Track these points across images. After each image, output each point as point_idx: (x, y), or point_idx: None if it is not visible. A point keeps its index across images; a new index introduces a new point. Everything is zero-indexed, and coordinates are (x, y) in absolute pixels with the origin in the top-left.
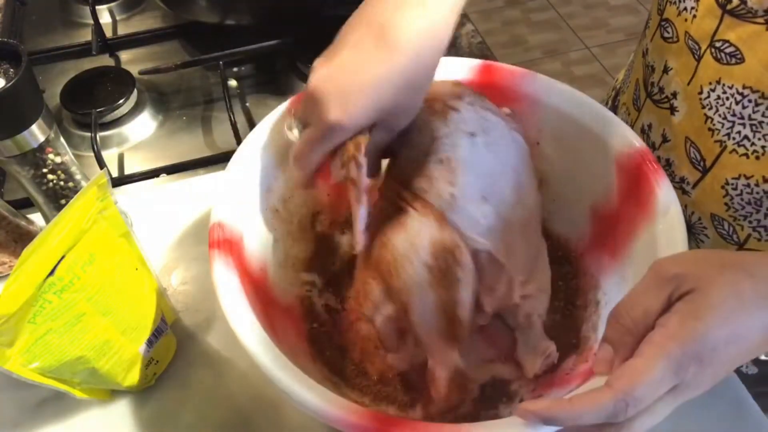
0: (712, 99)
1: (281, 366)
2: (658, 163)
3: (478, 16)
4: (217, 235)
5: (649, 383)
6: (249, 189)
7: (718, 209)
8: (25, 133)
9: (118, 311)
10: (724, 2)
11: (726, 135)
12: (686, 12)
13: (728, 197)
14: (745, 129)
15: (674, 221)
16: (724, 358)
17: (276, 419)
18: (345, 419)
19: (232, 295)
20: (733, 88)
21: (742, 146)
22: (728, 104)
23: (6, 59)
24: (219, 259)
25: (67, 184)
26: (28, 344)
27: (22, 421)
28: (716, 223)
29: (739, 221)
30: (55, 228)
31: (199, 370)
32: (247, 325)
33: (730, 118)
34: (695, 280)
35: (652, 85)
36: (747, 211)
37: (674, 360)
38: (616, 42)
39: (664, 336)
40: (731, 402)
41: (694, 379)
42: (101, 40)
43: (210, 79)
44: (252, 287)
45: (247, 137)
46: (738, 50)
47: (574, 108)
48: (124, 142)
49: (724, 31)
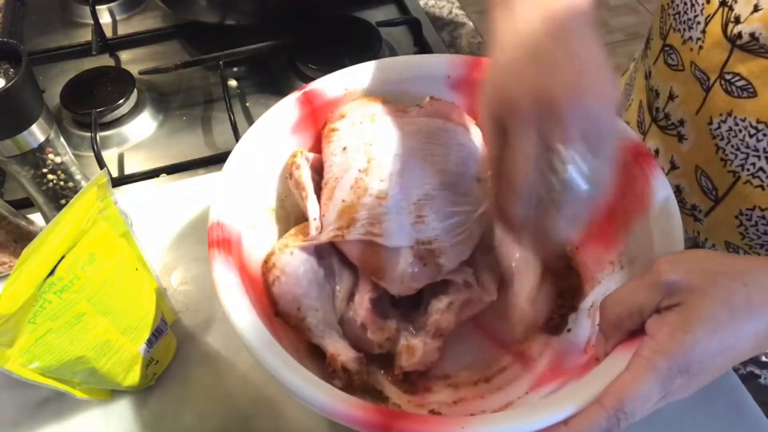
0: (723, 130)
1: (284, 363)
2: (652, 156)
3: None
4: (216, 235)
5: (637, 398)
6: (246, 188)
7: (732, 238)
8: (25, 133)
9: (118, 311)
10: (734, 37)
11: (740, 166)
12: (692, 42)
13: (742, 227)
14: (760, 161)
15: (669, 213)
16: (711, 368)
17: (276, 419)
18: (349, 414)
19: (232, 294)
20: (746, 121)
21: (757, 178)
22: (741, 136)
23: (6, 59)
24: (219, 258)
25: (67, 184)
26: (28, 344)
27: (22, 421)
28: (731, 251)
29: (755, 249)
30: (55, 228)
31: (199, 370)
32: (249, 323)
33: (744, 150)
34: (688, 291)
35: (657, 110)
36: (764, 240)
37: (661, 373)
38: (616, 42)
39: (652, 349)
40: (731, 402)
41: (679, 388)
42: (101, 40)
43: (210, 79)
44: (252, 286)
45: (243, 136)
46: (750, 84)
47: None
48: (124, 142)
49: (734, 63)
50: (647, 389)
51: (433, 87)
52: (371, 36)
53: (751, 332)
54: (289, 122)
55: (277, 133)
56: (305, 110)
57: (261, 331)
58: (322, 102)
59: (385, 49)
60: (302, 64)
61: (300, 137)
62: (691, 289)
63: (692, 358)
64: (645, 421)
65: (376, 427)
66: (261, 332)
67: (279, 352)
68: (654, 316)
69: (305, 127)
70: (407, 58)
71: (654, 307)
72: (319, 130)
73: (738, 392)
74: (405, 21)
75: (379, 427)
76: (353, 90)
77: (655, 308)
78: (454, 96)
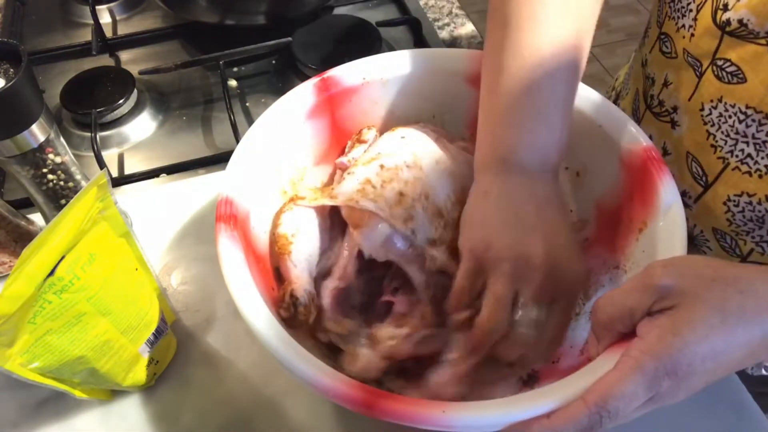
0: (714, 116)
1: (276, 334)
2: (663, 161)
3: (478, 16)
4: (224, 210)
5: (621, 397)
6: (259, 168)
7: (720, 224)
8: (25, 133)
9: (118, 311)
10: (723, 24)
11: (729, 152)
12: (684, 29)
13: (730, 213)
14: (748, 147)
15: (675, 221)
16: (701, 373)
17: (276, 419)
18: (335, 389)
19: (235, 266)
20: (736, 107)
21: (745, 164)
22: (731, 122)
23: (6, 59)
24: (224, 233)
25: (67, 184)
26: (28, 344)
27: (22, 421)
28: (719, 237)
29: (741, 236)
30: (55, 228)
31: (199, 370)
32: (248, 294)
33: (734, 136)
34: (681, 294)
35: (652, 97)
36: (749, 227)
37: (648, 374)
38: (616, 42)
39: (641, 350)
40: (731, 402)
41: (668, 392)
42: (101, 40)
43: (210, 79)
44: (256, 263)
45: (259, 118)
46: (740, 70)
47: (585, 104)
48: (124, 142)
49: (724, 50)
50: (633, 389)
51: (452, 81)
52: (371, 36)
53: (743, 339)
54: (305, 107)
55: (292, 117)
56: (321, 97)
57: (258, 303)
58: (338, 89)
59: (385, 49)
60: (302, 64)
61: (315, 123)
62: (684, 293)
63: (680, 360)
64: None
65: (360, 404)
66: (258, 304)
67: (273, 324)
68: (645, 319)
69: (320, 113)
70: (427, 50)
71: (646, 309)
72: (334, 117)
73: (738, 392)
74: (405, 21)
75: (362, 404)
76: (372, 80)
77: (647, 311)
78: (471, 90)
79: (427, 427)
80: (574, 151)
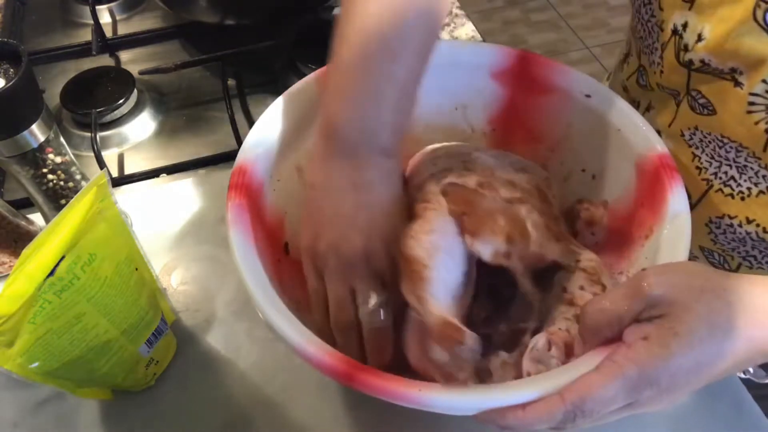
0: (696, 140)
1: (269, 300)
2: (677, 170)
3: (478, 16)
4: (237, 180)
5: (600, 400)
6: (276, 143)
7: (706, 243)
8: (25, 133)
9: (118, 311)
10: (687, 63)
11: (713, 174)
12: (654, 66)
13: (712, 234)
14: (731, 170)
15: (680, 230)
16: (683, 384)
17: (276, 419)
18: (318, 358)
19: (240, 233)
20: (712, 135)
21: (728, 186)
22: (712, 147)
23: (6, 59)
24: (234, 201)
25: (67, 184)
26: (28, 344)
27: (22, 421)
28: (706, 254)
29: (728, 252)
30: (55, 228)
31: (199, 370)
32: (248, 259)
33: (717, 159)
34: (670, 304)
35: None
36: (733, 246)
37: (630, 381)
38: (616, 42)
39: (626, 357)
40: (731, 403)
41: (648, 401)
42: (101, 40)
43: (210, 79)
44: (264, 234)
45: (279, 97)
46: (710, 102)
47: (605, 106)
48: (124, 142)
49: (695, 83)
50: (612, 393)
51: (476, 75)
52: None
53: (728, 352)
54: None
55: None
56: None
57: (256, 267)
58: None
59: None
60: (302, 64)
61: None
62: (673, 303)
63: (664, 372)
64: (645, 421)
65: (340, 375)
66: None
67: (267, 290)
68: (633, 325)
69: None
70: (453, 43)
71: (634, 317)
72: None
73: (738, 392)
74: None
75: (342, 375)
76: None
77: (635, 318)
78: (495, 85)
79: (403, 403)
80: (591, 154)
